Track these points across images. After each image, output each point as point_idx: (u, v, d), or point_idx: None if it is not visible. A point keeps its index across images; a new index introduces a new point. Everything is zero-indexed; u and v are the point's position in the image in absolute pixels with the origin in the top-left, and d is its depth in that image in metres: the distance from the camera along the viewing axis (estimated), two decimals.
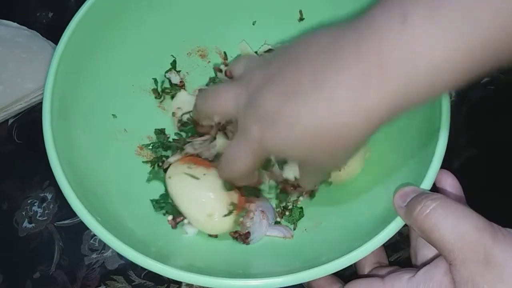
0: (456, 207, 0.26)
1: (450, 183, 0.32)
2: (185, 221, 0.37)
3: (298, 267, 0.29)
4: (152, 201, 0.38)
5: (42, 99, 0.47)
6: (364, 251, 0.28)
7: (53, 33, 0.51)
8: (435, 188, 0.32)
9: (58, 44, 0.35)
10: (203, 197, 0.36)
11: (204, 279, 0.28)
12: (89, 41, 0.38)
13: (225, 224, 0.36)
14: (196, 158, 0.38)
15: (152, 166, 0.40)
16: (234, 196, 0.37)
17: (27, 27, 0.51)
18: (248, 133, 0.28)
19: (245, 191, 0.37)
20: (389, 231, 0.29)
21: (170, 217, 0.37)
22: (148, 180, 0.40)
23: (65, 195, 0.31)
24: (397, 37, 0.21)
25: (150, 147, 0.41)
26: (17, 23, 0.52)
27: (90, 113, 0.38)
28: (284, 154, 0.28)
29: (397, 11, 0.21)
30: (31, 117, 0.49)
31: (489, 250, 0.24)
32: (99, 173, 0.36)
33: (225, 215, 0.36)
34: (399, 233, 0.40)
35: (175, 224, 0.37)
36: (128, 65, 0.41)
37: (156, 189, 0.39)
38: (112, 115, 0.40)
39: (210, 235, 0.37)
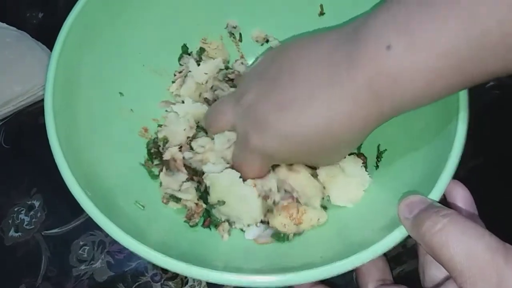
0: (468, 225, 0.24)
1: (462, 195, 0.30)
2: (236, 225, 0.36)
3: (286, 268, 0.27)
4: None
5: (30, 102, 0.47)
6: (356, 261, 0.26)
7: (43, 34, 0.50)
8: (444, 201, 0.31)
9: (70, 13, 0.34)
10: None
11: (198, 270, 0.27)
12: (103, 14, 0.37)
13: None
14: None
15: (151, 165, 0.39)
16: None
17: (17, 28, 0.50)
18: (248, 143, 0.30)
19: None
20: (389, 242, 0.27)
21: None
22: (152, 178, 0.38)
23: (58, 167, 0.30)
24: (383, 63, 0.24)
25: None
26: (6, 23, 0.50)
27: (96, 88, 0.37)
28: (287, 160, 0.32)
29: (384, 39, 0.23)
30: (19, 121, 0.47)
31: (501, 272, 0.22)
32: (99, 151, 0.35)
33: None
34: (403, 245, 0.39)
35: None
36: (140, 44, 0.40)
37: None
38: (119, 93, 0.39)
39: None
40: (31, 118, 0.47)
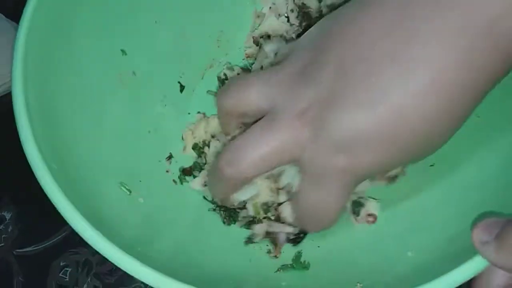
0: None
1: None
2: None
3: None
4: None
5: (2, 92, 0.41)
6: None
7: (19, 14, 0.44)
8: None
9: None
10: None
11: None
12: None
13: None
14: None
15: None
16: None
17: None
18: (330, 169, 0.24)
19: None
20: (456, 278, 0.21)
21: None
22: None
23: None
24: None
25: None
26: None
27: (89, 45, 0.30)
28: (380, 168, 0.24)
29: None
30: None
31: None
32: (88, 136, 0.28)
33: None
34: None
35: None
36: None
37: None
38: (121, 50, 0.32)
39: None
40: (3, 110, 0.41)
